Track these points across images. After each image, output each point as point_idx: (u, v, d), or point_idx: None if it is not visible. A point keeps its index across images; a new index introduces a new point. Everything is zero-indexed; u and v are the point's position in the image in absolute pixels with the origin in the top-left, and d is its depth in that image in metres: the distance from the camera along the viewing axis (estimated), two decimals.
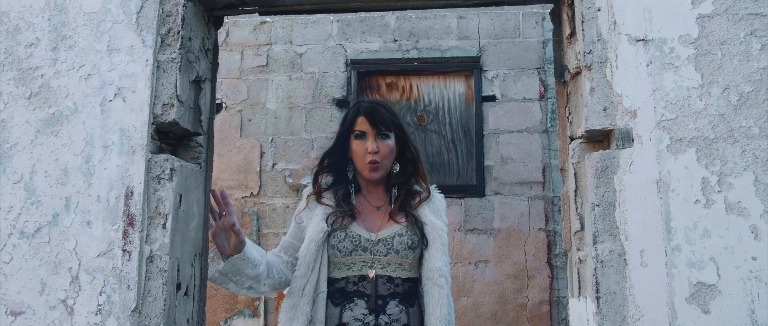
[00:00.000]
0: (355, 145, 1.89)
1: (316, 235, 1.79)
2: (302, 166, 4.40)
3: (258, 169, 4.44)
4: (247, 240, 1.77)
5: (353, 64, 4.54)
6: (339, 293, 1.79)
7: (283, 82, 4.55)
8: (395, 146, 1.92)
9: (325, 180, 1.94)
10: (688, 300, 1.28)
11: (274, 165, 4.45)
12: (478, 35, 4.47)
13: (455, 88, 4.51)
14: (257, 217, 4.38)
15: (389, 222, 1.87)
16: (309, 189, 1.94)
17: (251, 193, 4.41)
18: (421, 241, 1.84)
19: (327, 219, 1.82)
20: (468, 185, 4.33)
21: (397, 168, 1.95)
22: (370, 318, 1.75)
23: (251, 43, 4.59)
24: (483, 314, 4.10)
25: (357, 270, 1.79)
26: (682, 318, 1.27)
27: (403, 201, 1.91)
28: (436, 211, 1.93)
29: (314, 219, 1.84)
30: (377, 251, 1.81)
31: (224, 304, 4.29)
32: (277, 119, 4.51)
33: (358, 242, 1.81)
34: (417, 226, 1.86)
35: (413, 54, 4.51)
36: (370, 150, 1.85)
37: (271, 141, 4.47)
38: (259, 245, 4.00)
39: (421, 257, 1.86)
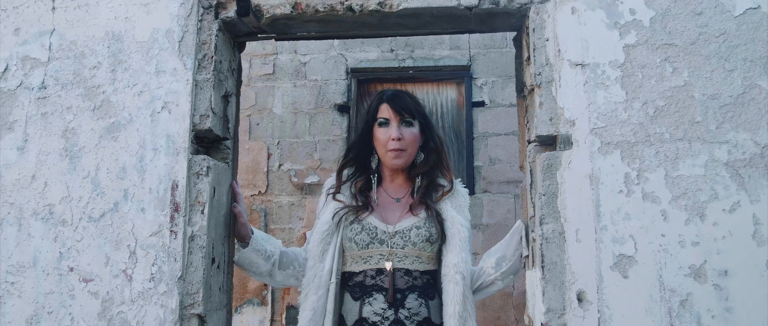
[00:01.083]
0: (379, 133, 1.88)
1: (322, 227, 1.82)
2: (306, 167, 4.78)
3: (265, 169, 4.81)
4: (259, 232, 1.94)
5: (353, 72, 4.91)
6: (358, 287, 1.80)
7: (288, 89, 4.92)
8: (419, 134, 1.90)
9: (347, 172, 1.95)
10: (612, 268, 1.65)
11: (280, 165, 4.82)
12: (469, 46, 4.85)
13: (447, 94, 4.88)
14: (265, 214, 4.75)
15: (407, 214, 1.85)
16: (330, 181, 1.96)
17: (259, 191, 4.79)
18: (440, 235, 1.82)
19: (334, 215, 1.84)
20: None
21: (421, 157, 1.92)
22: (390, 312, 1.74)
23: (259, 52, 4.97)
24: None
25: (374, 263, 1.79)
26: (607, 282, 1.64)
27: (425, 193, 1.88)
28: (459, 207, 1.90)
29: (324, 215, 1.87)
30: (394, 244, 1.80)
31: (234, 293, 4.66)
32: (283, 123, 4.88)
33: (374, 234, 1.81)
34: (437, 220, 1.83)
35: (408, 63, 4.88)
36: (393, 136, 1.84)
37: (278, 143, 4.84)
38: None
39: (439, 252, 1.84)
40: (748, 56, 1.72)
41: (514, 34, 2.06)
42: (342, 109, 4.86)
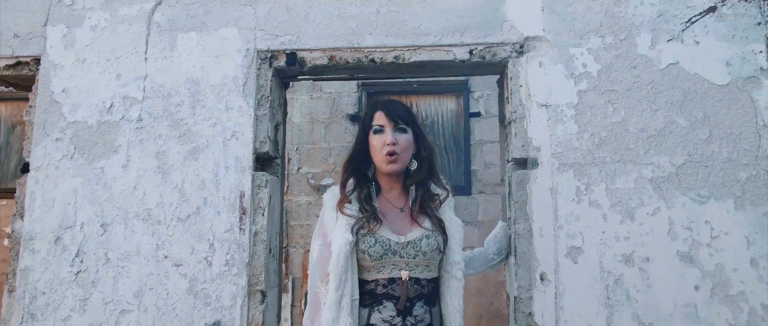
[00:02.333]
0: (374, 140, 1.93)
1: (344, 248, 1.81)
2: (322, 170, 5.38)
3: (286, 173, 5.41)
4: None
5: (364, 86, 5.51)
6: (368, 295, 1.83)
7: (305, 101, 5.52)
8: (412, 142, 1.95)
9: (350, 184, 1.97)
10: (566, 256, 2.25)
11: (299, 169, 5.42)
12: None
13: (447, 105, 5.48)
14: (286, 212, 5.36)
15: (414, 225, 1.90)
16: (330, 194, 1.97)
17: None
18: (445, 242, 1.90)
19: (352, 228, 1.85)
20: (457, 185, 5.30)
21: (415, 165, 1.97)
22: (398, 319, 1.79)
23: None
24: (469, 289, 5.07)
25: (387, 273, 1.83)
26: (562, 266, 2.24)
27: (422, 203, 1.94)
28: (452, 208, 2.01)
29: (337, 231, 1.86)
30: (406, 254, 1.84)
31: None
32: (301, 131, 5.48)
33: (388, 246, 1.83)
34: (440, 228, 1.91)
35: (413, 78, 5.47)
36: (388, 141, 1.88)
37: (296, 149, 5.44)
38: (287, 234, 4.97)
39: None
40: (668, 99, 2.32)
41: (498, 76, 2.67)
42: (354, 118, 5.45)
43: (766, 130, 2.27)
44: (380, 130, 1.92)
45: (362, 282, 1.84)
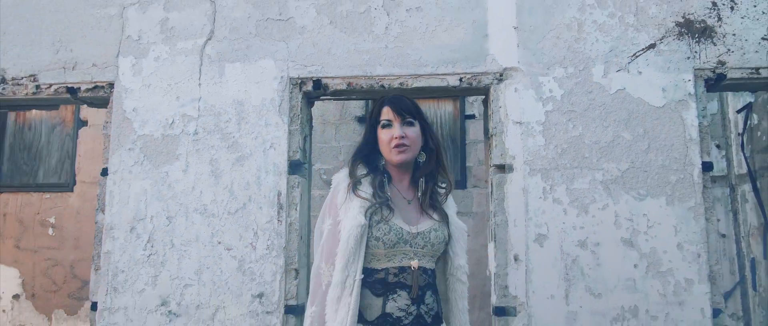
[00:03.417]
0: (382, 134, 1.93)
1: (355, 230, 1.81)
2: (333, 166, 6.00)
3: None
4: None
5: None
6: (380, 284, 1.84)
7: (317, 104, 6.12)
8: (420, 134, 1.96)
9: (360, 171, 1.96)
10: (534, 242, 2.88)
11: (312, 166, 6.04)
12: None
13: (445, 108, 6.09)
14: None
15: (424, 217, 1.94)
16: (339, 177, 1.98)
17: None
18: (450, 237, 1.97)
19: (365, 212, 1.85)
20: (454, 180, 5.93)
21: (423, 158, 1.98)
22: (413, 307, 1.82)
23: None
24: None
25: (398, 261, 1.85)
26: (531, 249, 2.87)
27: (432, 195, 1.97)
28: (452, 208, 2.07)
29: (350, 213, 1.86)
30: (416, 244, 1.87)
31: None
32: (314, 131, 6.09)
33: (400, 235, 1.85)
34: (446, 222, 1.96)
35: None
36: (396, 134, 1.89)
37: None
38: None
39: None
40: (616, 118, 2.93)
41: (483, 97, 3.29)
42: (361, 119, 6.07)
43: (692, 143, 2.89)
44: (388, 124, 1.93)
45: (373, 271, 1.86)
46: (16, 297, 6.19)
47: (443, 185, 2.04)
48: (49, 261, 6.16)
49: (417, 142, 1.95)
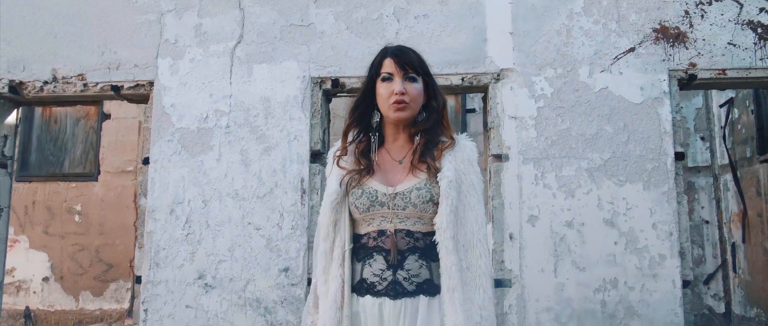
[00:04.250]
0: (382, 88, 1.79)
1: (329, 197, 1.77)
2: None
3: None
4: None
5: None
6: (362, 249, 1.77)
7: None
8: (423, 91, 1.81)
9: (352, 134, 1.87)
10: (527, 222, 3.28)
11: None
12: None
13: (448, 103, 6.48)
14: None
15: (409, 176, 1.78)
16: (333, 149, 1.90)
17: None
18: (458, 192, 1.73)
19: (341, 180, 1.79)
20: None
21: (423, 116, 1.82)
22: (388, 272, 1.72)
23: None
24: None
25: (376, 225, 1.76)
26: (524, 229, 3.27)
27: (424, 152, 1.78)
28: (466, 160, 1.78)
29: (331, 183, 1.81)
30: (395, 205, 1.75)
31: None
32: None
33: (374, 197, 1.75)
34: (437, 180, 1.73)
35: None
36: (396, 90, 1.75)
37: None
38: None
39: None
40: (600, 113, 3.33)
41: (483, 94, 3.68)
42: None
43: (666, 135, 3.29)
44: (389, 78, 1.79)
45: (358, 237, 1.79)
46: (45, 279, 6.61)
47: (444, 141, 1.81)
48: (76, 246, 6.58)
49: (418, 99, 1.79)
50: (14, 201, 6.42)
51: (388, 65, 1.79)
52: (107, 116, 6.74)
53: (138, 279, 3.47)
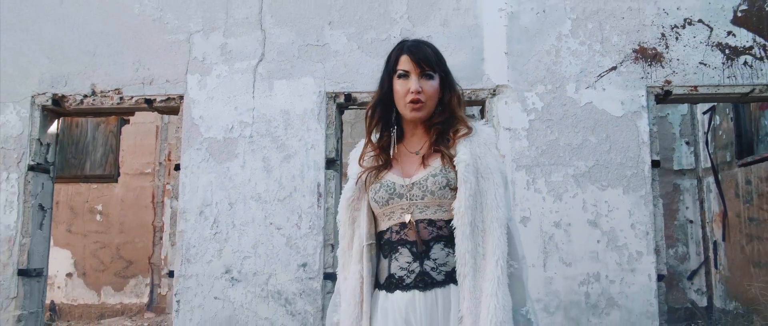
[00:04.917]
0: (398, 86, 1.78)
1: (346, 194, 1.80)
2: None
3: None
4: None
5: None
6: (387, 245, 1.75)
7: None
8: (439, 89, 1.79)
9: (374, 135, 1.88)
10: (520, 222, 3.67)
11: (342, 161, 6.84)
12: None
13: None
14: None
15: (423, 165, 1.76)
16: (355, 150, 1.92)
17: None
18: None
19: (358, 180, 1.80)
20: None
21: (439, 109, 1.80)
22: (415, 265, 1.70)
23: None
24: None
25: (397, 218, 1.74)
26: (517, 229, 3.67)
27: (438, 139, 1.78)
28: (483, 144, 1.76)
29: (349, 182, 1.84)
30: (413, 196, 1.73)
31: None
32: None
33: (392, 190, 1.74)
34: (452, 165, 1.72)
35: None
36: (412, 89, 1.73)
37: None
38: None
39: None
40: (586, 125, 3.73)
41: (480, 106, 4.08)
42: None
43: (644, 145, 3.68)
44: (405, 75, 1.77)
45: (381, 234, 1.78)
46: (69, 275, 7.02)
47: (460, 129, 1.79)
48: (98, 244, 6.98)
49: (434, 97, 1.78)
50: None
51: (404, 62, 1.78)
52: (126, 121, 7.13)
53: (171, 274, 3.86)
